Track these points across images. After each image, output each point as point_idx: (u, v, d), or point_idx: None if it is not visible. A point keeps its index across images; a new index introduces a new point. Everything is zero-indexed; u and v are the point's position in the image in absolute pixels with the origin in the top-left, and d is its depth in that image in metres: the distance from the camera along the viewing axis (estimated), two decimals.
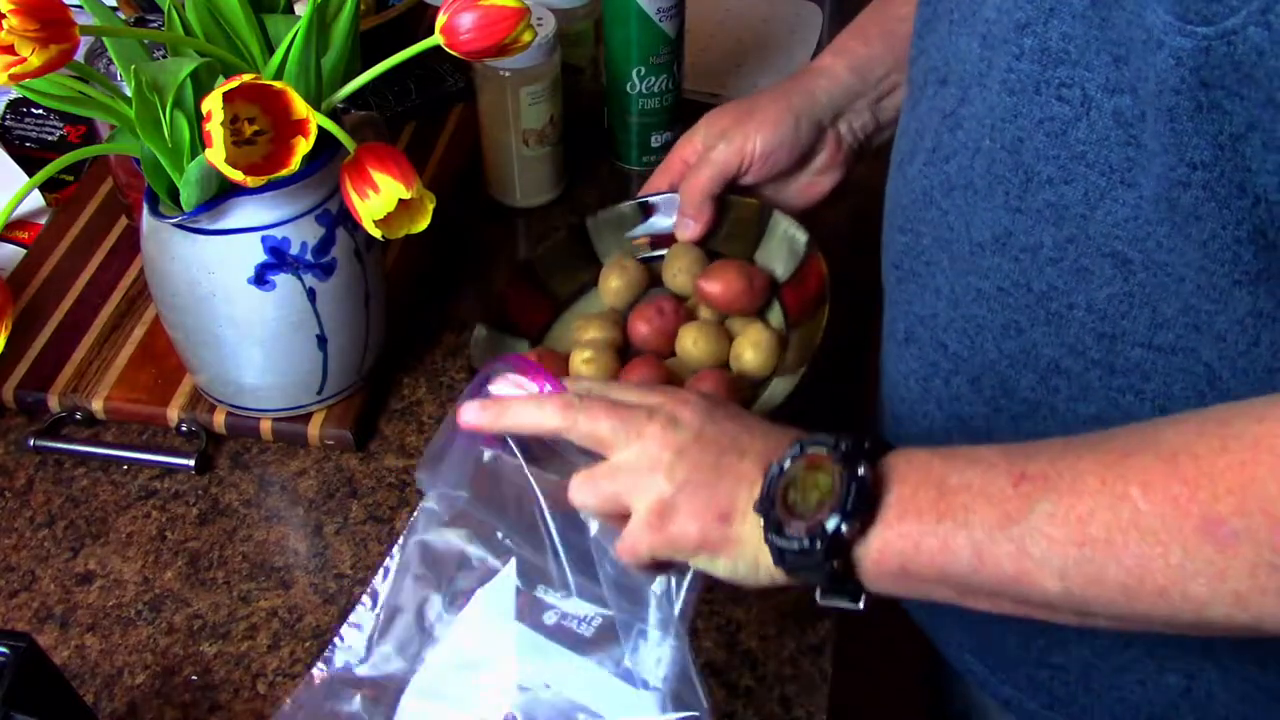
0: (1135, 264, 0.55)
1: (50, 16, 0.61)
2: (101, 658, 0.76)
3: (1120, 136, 0.53)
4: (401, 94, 1.09)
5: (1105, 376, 0.59)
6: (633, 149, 1.07)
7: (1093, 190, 0.55)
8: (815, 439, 0.56)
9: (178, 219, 0.75)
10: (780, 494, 0.55)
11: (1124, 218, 0.54)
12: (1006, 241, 0.59)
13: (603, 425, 0.59)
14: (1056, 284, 0.58)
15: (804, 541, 0.53)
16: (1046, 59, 0.54)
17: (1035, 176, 0.57)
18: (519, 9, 0.68)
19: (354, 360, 0.85)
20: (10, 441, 0.88)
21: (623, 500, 0.59)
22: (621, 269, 0.85)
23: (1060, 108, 0.54)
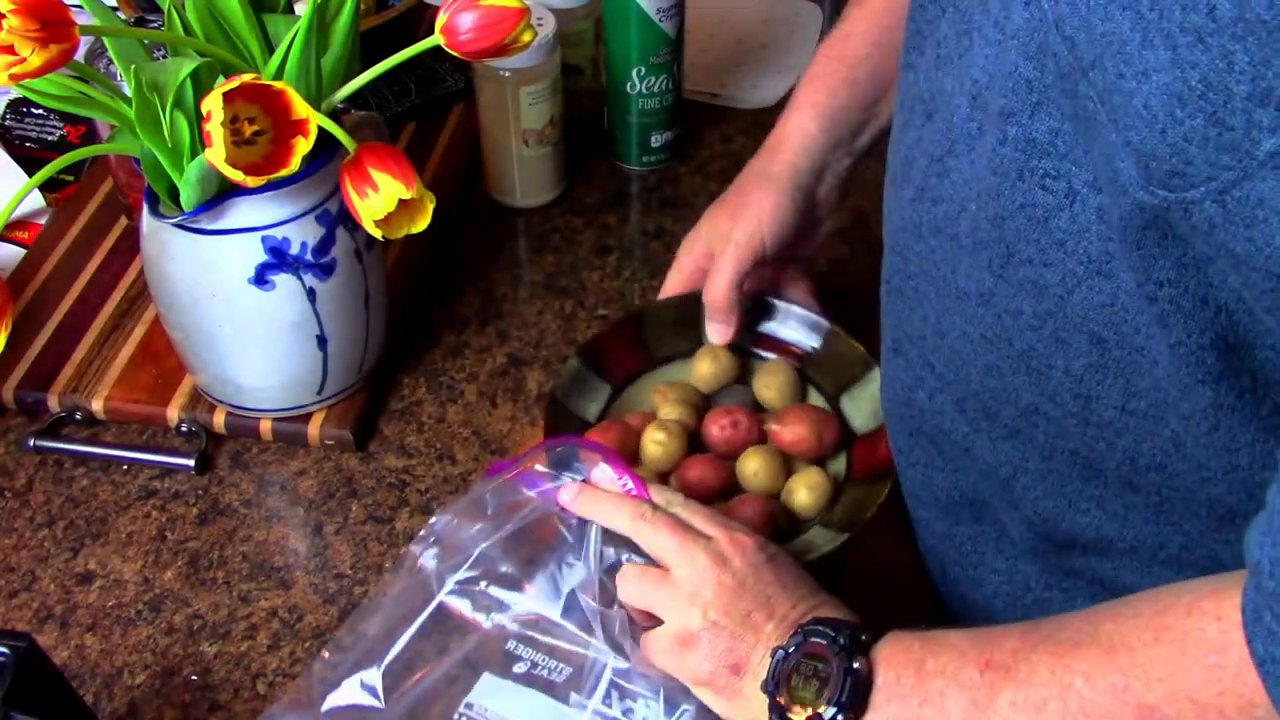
0: (1110, 343, 0.56)
1: (50, 16, 0.61)
2: (101, 658, 0.76)
3: (1102, 231, 0.53)
4: (401, 94, 1.09)
5: (1080, 427, 0.61)
6: (633, 149, 1.07)
7: (1070, 276, 0.56)
8: (819, 628, 0.61)
9: (178, 219, 0.75)
10: (785, 676, 0.61)
11: (1100, 304, 0.55)
12: (989, 300, 0.60)
13: (664, 542, 0.66)
14: (1036, 347, 0.59)
15: None
16: (1031, 149, 0.55)
17: (1015, 254, 0.57)
18: (519, 9, 0.68)
19: (354, 360, 0.85)
20: (10, 441, 0.88)
21: (657, 612, 0.65)
22: (714, 357, 0.84)
23: (1043, 196, 0.55)
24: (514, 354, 0.93)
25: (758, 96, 1.15)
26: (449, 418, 0.89)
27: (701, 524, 0.67)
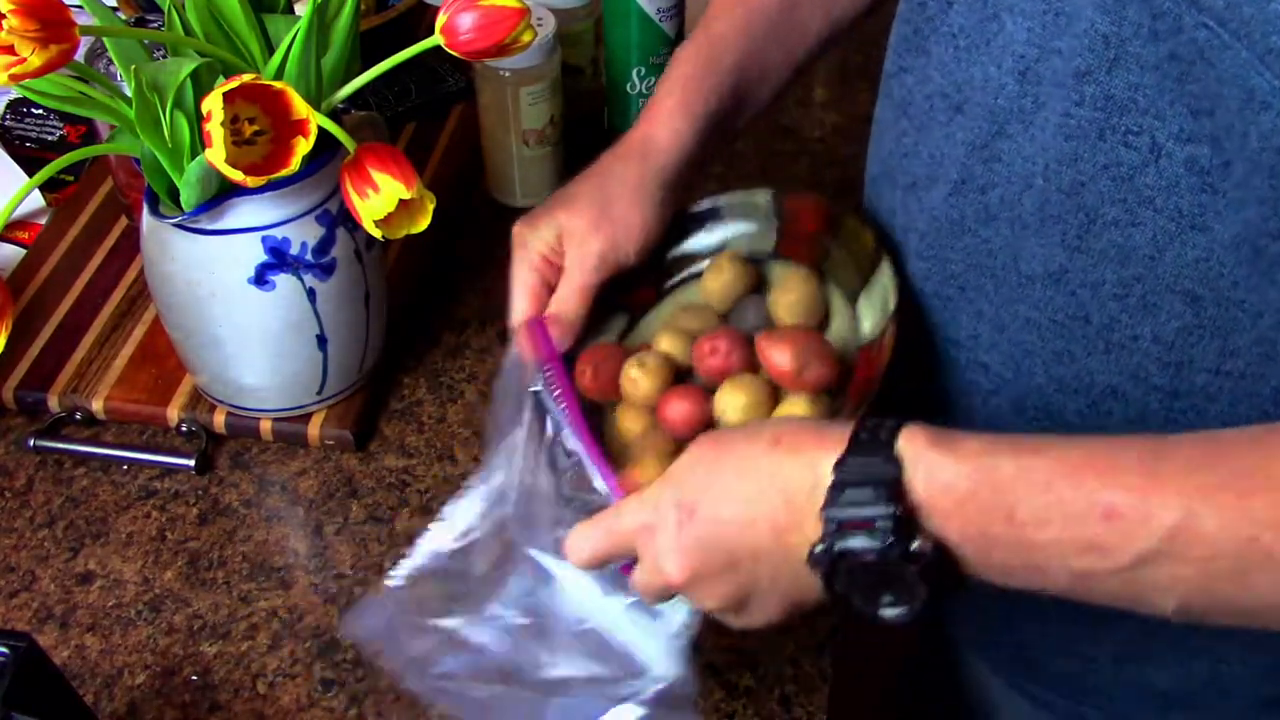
0: (1206, 300, 0.55)
1: (50, 16, 0.61)
2: (101, 658, 0.76)
3: (1193, 183, 0.53)
4: (401, 94, 1.09)
5: (1166, 400, 0.59)
6: None
7: (1161, 234, 0.55)
8: (838, 543, 0.53)
9: (178, 219, 0.75)
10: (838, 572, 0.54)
11: (1195, 259, 0.54)
12: (1062, 278, 0.59)
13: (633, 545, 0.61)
14: (1119, 318, 0.58)
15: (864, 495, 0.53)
16: (1111, 106, 0.54)
17: (1099, 219, 0.56)
18: (519, 9, 0.68)
19: (354, 360, 0.85)
20: (10, 441, 0.88)
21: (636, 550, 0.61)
22: (719, 269, 0.77)
23: (1127, 154, 0.54)
24: None
25: None
26: (449, 418, 0.89)
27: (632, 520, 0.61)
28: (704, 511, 0.57)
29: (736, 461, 0.57)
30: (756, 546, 0.56)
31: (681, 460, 0.59)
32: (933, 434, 0.53)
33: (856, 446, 0.54)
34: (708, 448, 0.59)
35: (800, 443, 0.55)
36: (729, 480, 0.57)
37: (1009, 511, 0.51)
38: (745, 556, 0.56)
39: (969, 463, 0.51)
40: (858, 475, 0.53)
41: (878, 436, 0.53)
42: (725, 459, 0.57)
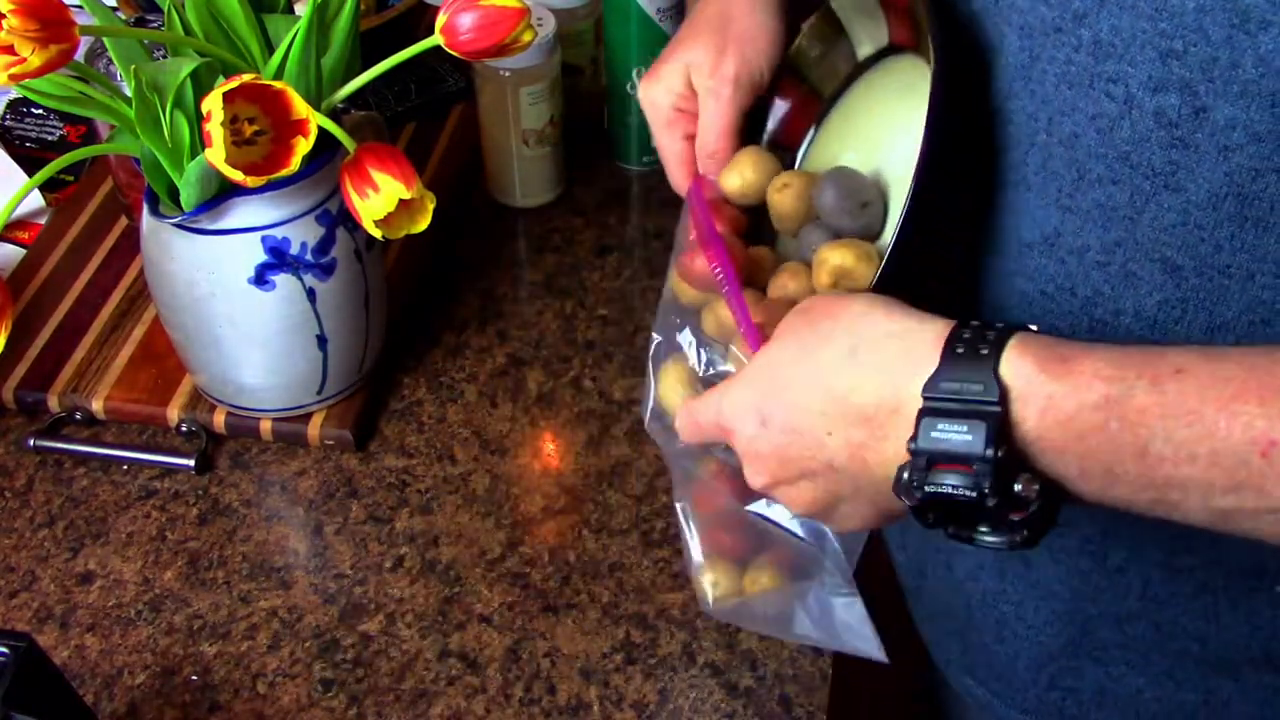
0: (1186, 270, 0.52)
1: (50, 16, 0.61)
2: (101, 658, 0.76)
3: (1163, 138, 0.50)
4: (401, 94, 1.09)
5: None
6: (633, 149, 1.07)
7: (1137, 193, 0.52)
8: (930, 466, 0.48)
9: (178, 219, 0.75)
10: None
11: (1171, 223, 0.51)
12: (1055, 242, 0.56)
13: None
14: (1102, 289, 0.55)
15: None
16: (1098, 52, 0.51)
17: (1086, 174, 0.54)
18: (519, 9, 0.68)
19: (354, 360, 0.85)
20: (10, 441, 0.88)
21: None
22: (740, 171, 0.69)
23: (1108, 104, 0.51)
24: (514, 354, 0.93)
25: None
26: (449, 418, 0.89)
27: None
28: (777, 420, 0.53)
29: (812, 371, 0.52)
30: (832, 462, 0.52)
31: (760, 358, 0.56)
32: (1045, 350, 0.47)
33: (951, 364, 0.48)
34: (787, 346, 0.54)
35: (880, 358, 0.50)
36: (803, 391, 0.52)
37: (1142, 447, 0.45)
38: (821, 469, 0.53)
39: (1093, 391, 0.45)
40: (952, 404, 0.47)
41: (977, 351, 0.47)
42: (801, 365, 0.53)
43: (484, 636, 0.77)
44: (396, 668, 0.75)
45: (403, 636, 0.77)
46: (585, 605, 0.78)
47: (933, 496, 0.48)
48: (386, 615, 0.78)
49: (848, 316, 0.53)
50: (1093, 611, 0.66)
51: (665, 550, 0.81)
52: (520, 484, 0.85)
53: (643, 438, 0.87)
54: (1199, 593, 0.62)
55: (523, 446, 0.87)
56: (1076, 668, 0.69)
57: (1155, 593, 0.63)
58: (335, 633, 0.77)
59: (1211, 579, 0.61)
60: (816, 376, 0.52)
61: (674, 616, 0.77)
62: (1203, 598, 0.62)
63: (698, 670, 0.75)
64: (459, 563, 0.80)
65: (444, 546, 0.81)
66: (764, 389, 0.54)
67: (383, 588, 0.79)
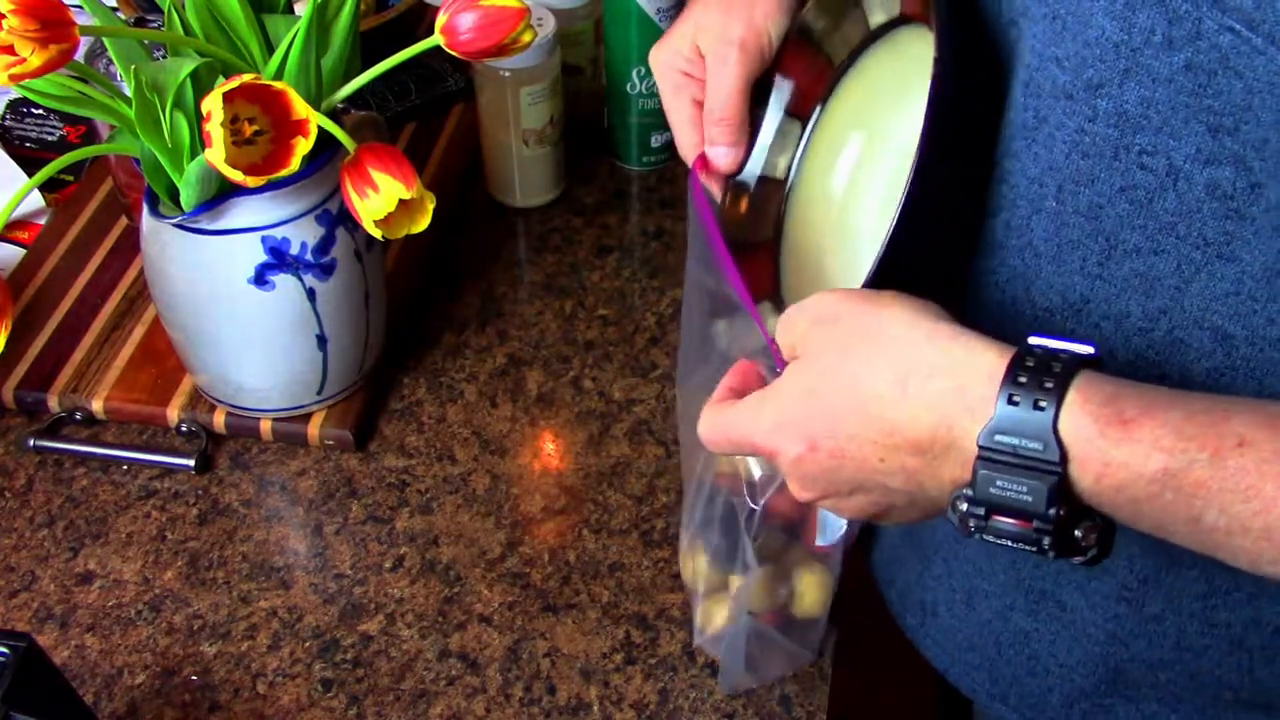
0: (1238, 339, 0.51)
1: (50, 16, 0.61)
2: (101, 658, 0.76)
3: (1216, 209, 0.48)
4: (401, 94, 1.09)
5: None
6: (633, 149, 1.07)
7: (1186, 263, 0.50)
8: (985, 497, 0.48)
9: (178, 219, 0.75)
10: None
11: (1224, 292, 0.50)
12: (1084, 309, 0.55)
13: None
14: (1145, 354, 0.53)
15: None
16: (1124, 124, 0.49)
17: (1119, 245, 0.52)
18: (519, 9, 0.68)
19: (354, 360, 0.85)
20: (10, 441, 0.88)
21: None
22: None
23: (1143, 176, 0.50)
24: (514, 354, 0.93)
25: None
26: (449, 418, 0.89)
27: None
28: (826, 446, 0.52)
29: (860, 401, 0.51)
30: (886, 484, 0.51)
31: (796, 380, 0.54)
32: (1107, 407, 0.45)
33: (1009, 414, 0.46)
34: (826, 369, 0.52)
35: (932, 393, 0.49)
36: (852, 420, 0.51)
37: (1196, 516, 0.45)
38: (875, 487, 0.52)
39: (1152, 462, 0.44)
40: (1010, 459, 0.46)
41: (1035, 403, 0.46)
42: (849, 395, 0.51)
43: (484, 636, 0.77)
44: (396, 668, 0.75)
45: (403, 636, 0.77)
46: (585, 605, 0.78)
47: (993, 542, 0.48)
48: (386, 615, 0.78)
49: (885, 339, 0.51)
50: (1126, 656, 0.65)
51: (665, 550, 0.81)
52: (520, 484, 0.85)
53: (643, 438, 0.87)
54: (1234, 649, 0.61)
55: (523, 446, 0.87)
56: (1109, 706, 0.68)
57: (1190, 644, 0.62)
58: (335, 633, 0.77)
59: (1248, 637, 0.61)
60: (866, 407, 0.51)
61: (674, 616, 0.77)
62: (1237, 654, 0.61)
63: (698, 670, 0.75)
64: (459, 563, 0.80)
65: (444, 546, 0.81)
66: (806, 414, 0.53)
67: (383, 588, 0.79)
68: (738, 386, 0.59)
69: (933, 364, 0.49)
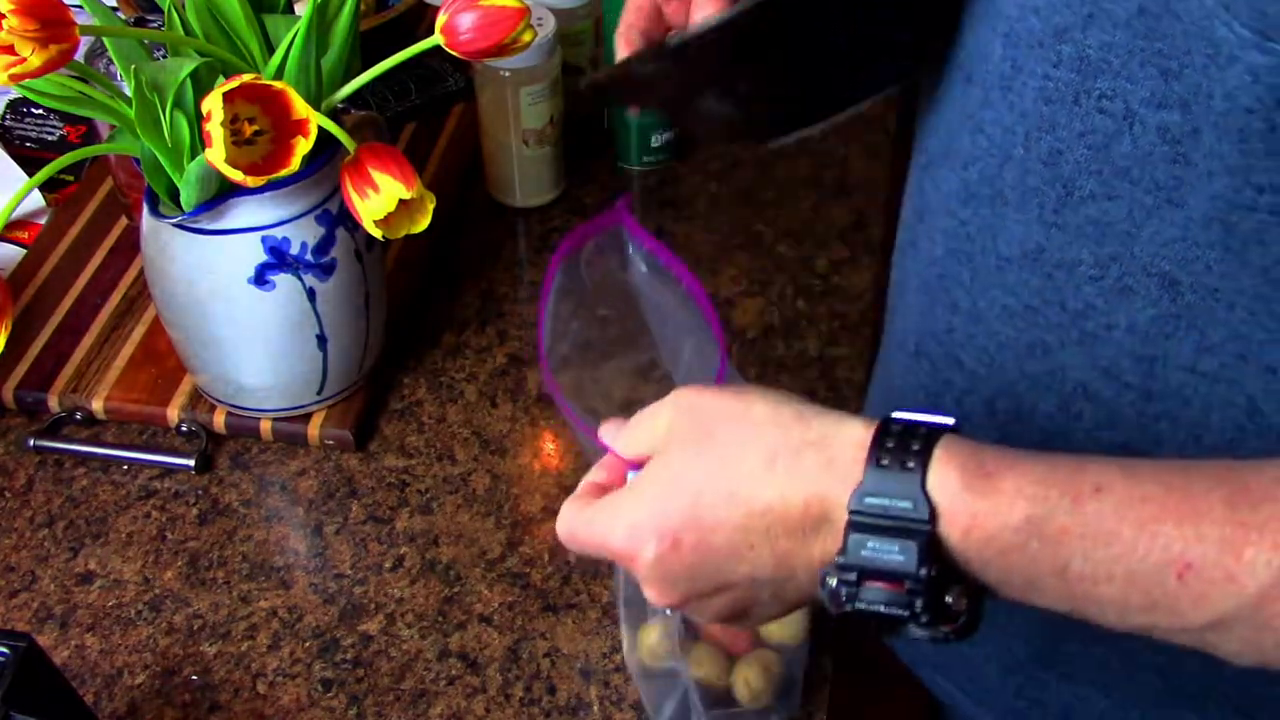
0: (1183, 285, 0.52)
1: (50, 16, 0.61)
2: (101, 658, 0.76)
3: (1166, 153, 0.50)
4: (401, 94, 1.09)
5: (1139, 402, 0.55)
6: (633, 149, 1.07)
7: (1138, 208, 0.51)
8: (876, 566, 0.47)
9: (178, 219, 0.75)
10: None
11: (1172, 238, 0.51)
12: (1039, 257, 0.56)
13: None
14: (1095, 303, 0.55)
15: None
16: (1086, 68, 0.51)
17: (1075, 191, 0.53)
18: (519, 9, 0.68)
19: (354, 360, 0.85)
20: (10, 441, 0.88)
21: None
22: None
23: (1101, 120, 0.51)
24: (514, 354, 0.93)
25: None
26: (449, 418, 0.89)
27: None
28: (689, 541, 0.51)
29: (727, 483, 0.50)
30: (754, 575, 0.51)
31: (656, 472, 0.53)
32: (970, 463, 0.47)
33: (877, 477, 0.47)
34: (688, 458, 0.52)
35: (801, 467, 0.49)
36: (718, 506, 0.50)
37: (1061, 566, 0.45)
38: (742, 580, 0.51)
39: (1015, 511, 0.45)
40: (881, 520, 0.47)
41: (903, 464, 0.47)
42: (710, 483, 0.51)
43: (484, 636, 0.77)
44: (396, 668, 0.75)
45: (403, 636, 0.77)
46: (585, 605, 0.78)
47: (864, 612, 0.48)
48: (386, 615, 0.78)
49: (750, 422, 0.51)
50: (1061, 625, 0.65)
51: None
52: (520, 484, 0.85)
53: None
54: None
55: (523, 446, 0.87)
56: (1044, 681, 0.68)
57: None
58: (335, 633, 0.77)
59: None
60: (733, 488, 0.50)
61: None
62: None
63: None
64: (459, 563, 0.80)
65: (444, 546, 0.81)
66: (668, 508, 0.51)
67: (383, 588, 0.79)
68: (603, 483, 0.57)
69: (801, 440, 0.49)
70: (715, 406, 0.53)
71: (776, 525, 0.49)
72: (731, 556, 0.51)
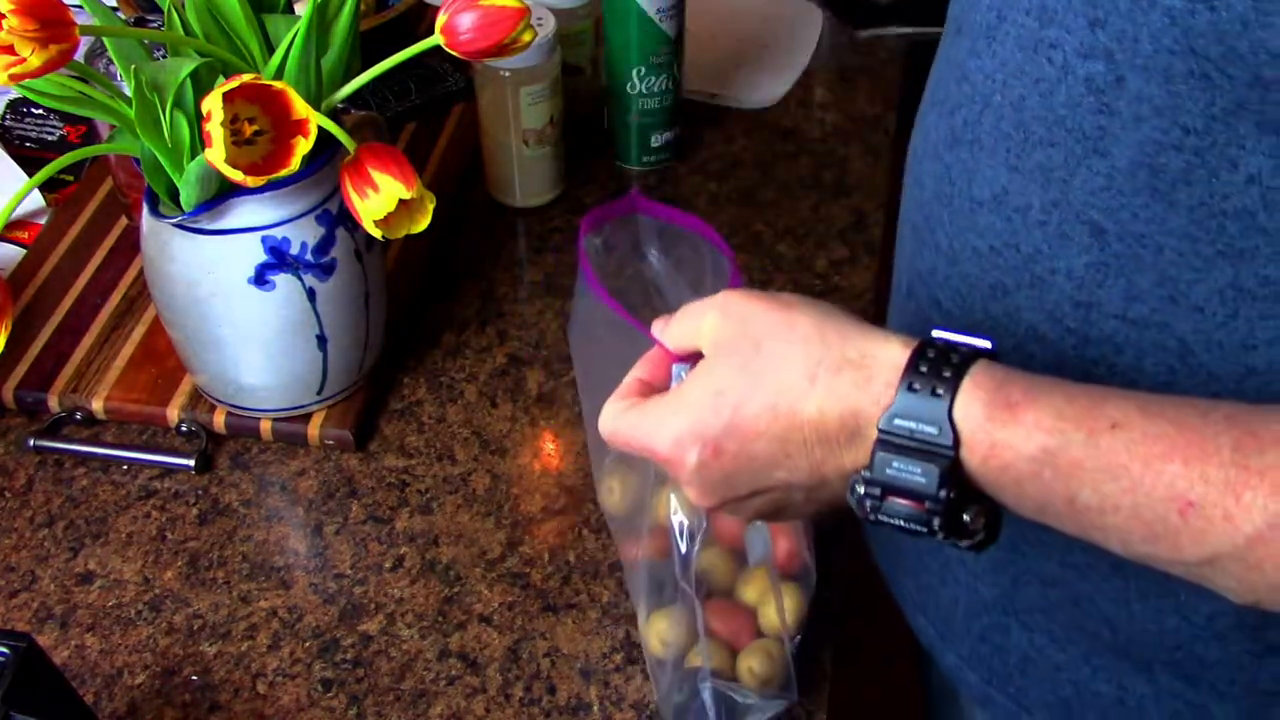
0: (1110, 234, 0.54)
1: (50, 16, 0.61)
2: (101, 658, 0.76)
3: (1092, 104, 0.52)
4: (401, 94, 1.09)
5: (1079, 346, 0.58)
6: (633, 149, 1.07)
7: (1071, 156, 0.54)
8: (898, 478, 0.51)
9: (178, 219, 0.75)
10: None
11: (1098, 186, 0.54)
12: (1003, 200, 0.58)
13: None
14: (1041, 247, 0.57)
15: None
16: (1043, 17, 0.53)
17: (1030, 136, 0.56)
18: (519, 9, 0.68)
19: (354, 360, 0.85)
20: (10, 441, 0.88)
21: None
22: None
23: (1049, 69, 0.54)
24: (514, 354, 0.93)
25: (757, 96, 1.15)
26: (449, 418, 0.89)
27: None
28: (731, 448, 0.54)
29: (768, 396, 0.53)
30: (790, 480, 0.54)
31: (702, 380, 0.56)
32: (997, 394, 0.49)
33: (908, 400, 0.50)
34: (734, 370, 0.55)
35: (840, 385, 0.52)
36: (758, 418, 0.53)
37: (1071, 496, 0.48)
38: (778, 485, 0.55)
39: (1032, 442, 0.48)
40: (907, 441, 0.50)
41: (933, 390, 0.50)
42: (752, 395, 0.54)
43: (484, 636, 0.77)
44: (396, 668, 0.75)
45: (403, 636, 0.77)
46: (585, 605, 0.78)
47: (886, 523, 0.52)
48: (386, 615, 0.78)
49: (794, 338, 0.54)
50: (1022, 565, 0.67)
51: None
52: (520, 484, 0.85)
53: None
54: (1112, 574, 0.62)
55: (523, 446, 0.87)
56: (1005, 625, 0.70)
57: (1075, 561, 0.64)
58: (335, 633, 0.77)
59: (1127, 564, 0.62)
60: (774, 401, 0.53)
61: None
62: (1114, 580, 0.62)
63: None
64: (459, 563, 0.80)
65: (444, 546, 0.81)
66: (711, 417, 0.55)
67: (383, 588, 0.79)
68: (647, 379, 0.61)
69: (841, 357, 0.53)
70: (761, 318, 0.55)
71: (812, 436, 0.53)
72: (769, 464, 0.54)
